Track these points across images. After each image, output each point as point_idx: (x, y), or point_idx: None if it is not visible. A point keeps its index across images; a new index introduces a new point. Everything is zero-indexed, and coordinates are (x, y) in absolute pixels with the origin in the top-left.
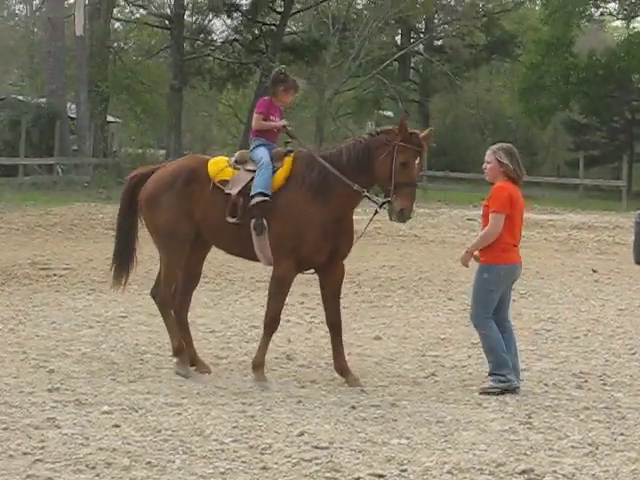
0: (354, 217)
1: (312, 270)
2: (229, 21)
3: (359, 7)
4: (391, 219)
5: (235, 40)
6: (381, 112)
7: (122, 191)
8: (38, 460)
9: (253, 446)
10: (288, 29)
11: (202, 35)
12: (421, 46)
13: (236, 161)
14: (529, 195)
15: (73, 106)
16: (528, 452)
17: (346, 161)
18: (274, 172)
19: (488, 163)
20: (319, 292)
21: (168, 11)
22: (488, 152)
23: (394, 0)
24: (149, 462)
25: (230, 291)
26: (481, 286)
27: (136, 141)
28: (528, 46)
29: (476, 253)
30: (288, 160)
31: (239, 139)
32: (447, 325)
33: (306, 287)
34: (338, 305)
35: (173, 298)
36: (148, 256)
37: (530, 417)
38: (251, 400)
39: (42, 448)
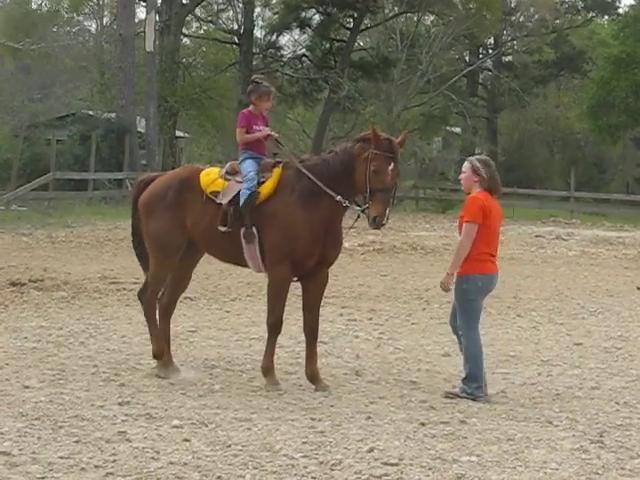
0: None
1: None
2: (299, 36)
3: (427, 24)
4: (370, 226)
5: (304, 56)
6: (449, 128)
7: (133, 195)
8: (109, 474)
9: (323, 462)
10: (357, 45)
11: (271, 51)
12: (490, 62)
13: (227, 172)
14: (598, 212)
15: (142, 121)
16: (600, 471)
17: (329, 172)
18: (263, 182)
19: (463, 173)
20: (387, 308)
21: (237, 27)
22: (465, 163)
23: (463, 16)
24: (219, 477)
25: (298, 306)
26: (462, 297)
27: (204, 156)
28: (597, 62)
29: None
30: (277, 171)
31: (307, 154)
32: (516, 342)
33: (374, 303)
34: (318, 312)
35: (159, 301)
36: (216, 270)
37: (601, 436)
38: (320, 416)
39: (113, 462)
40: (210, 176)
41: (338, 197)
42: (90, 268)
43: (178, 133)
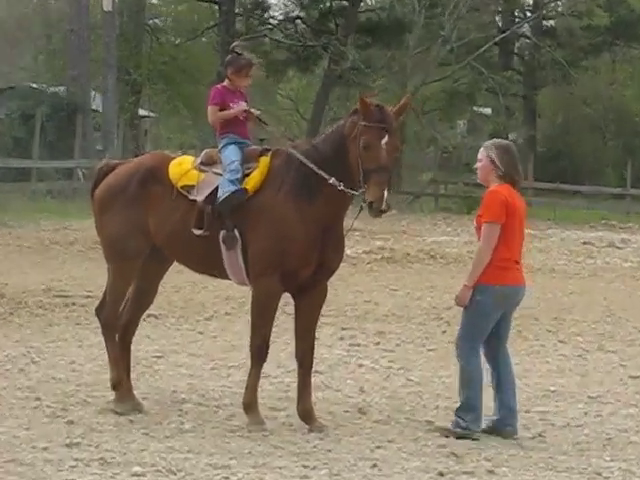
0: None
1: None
2: None
3: None
4: (369, 214)
5: (298, 18)
6: (476, 109)
7: (92, 187)
8: None
9: None
10: (363, 5)
11: (258, 11)
12: (528, 28)
13: (202, 162)
14: None
15: (98, 97)
16: None
17: (323, 153)
18: (248, 174)
19: (479, 162)
20: (399, 331)
21: None
22: (480, 149)
23: None
24: None
25: (289, 327)
26: (472, 310)
27: (174, 140)
28: None
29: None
30: (264, 160)
31: (302, 138)
32: (558, 374)
33: (383, 324)
34: (313, 335)
35: (119, 318)
36: (188, 282)
37: None
38: (315, 463)
39: None
40: (182, 166)
41: (332, 179)
42: (32, 278)
43: (142, 112)
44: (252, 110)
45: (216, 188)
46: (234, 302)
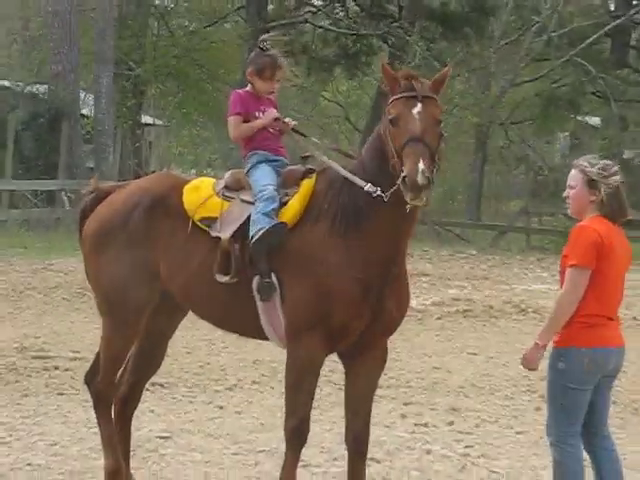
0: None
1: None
2: None
3: None
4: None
5: None
6: (581, 118)
7: (79, 218)
8: None
9: None
10: None
11: None
12: None
13: (227, 186)
14: None
15: (89, 99)
16: None
17: (367, 163)
18: (285, 203)
19: (571, 188)
20: (478, 407)
21: None
22: (573, 171)
23: None
24: None
25: (336, 401)
26: (556, 382)
27: (187, 156)
28: None
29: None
30: (307, 183)
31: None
32: None
33: (457, 398)
34: (369, 412)
35: (115, 388)
36: (203, 341)
37: None
38: None
39: None
40: (200, 192)
41: (367, 185)
42: (2, 333)
43: (146, 119)
44: (286, 120)
45: (246, 221)
46: (264, 367)
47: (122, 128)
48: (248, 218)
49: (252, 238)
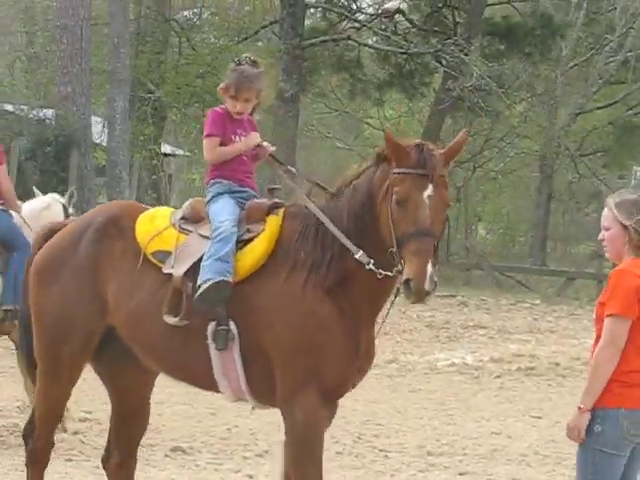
0: None
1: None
2: None
3: None
4: (406, 297)
5: (399, 12)
6: None
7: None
8: None
9: None
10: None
11: (339, 2)
12: None
13: (184, 218)
14: None
15: (102, 125)
16: None
17: (351, 213)
18: (249, 240)
19: (606, 230)
20: (543, 478)
21: None
22: (605, 210)
23: None
24: None
25: (385, 468)
26: (589, 447)
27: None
28: None
29: None
30: (273, 220)
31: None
32: None
33: (519, 467)
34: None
35: (110, 455)
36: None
37: None
38: None
39: None
40: (154, 223)
41: (359, 253)
42: (3, 391)
43: (165, 148)
44: (265, 144)
45: (201, 258)
46: None
47: (139, 158)
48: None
49: (198, 288)
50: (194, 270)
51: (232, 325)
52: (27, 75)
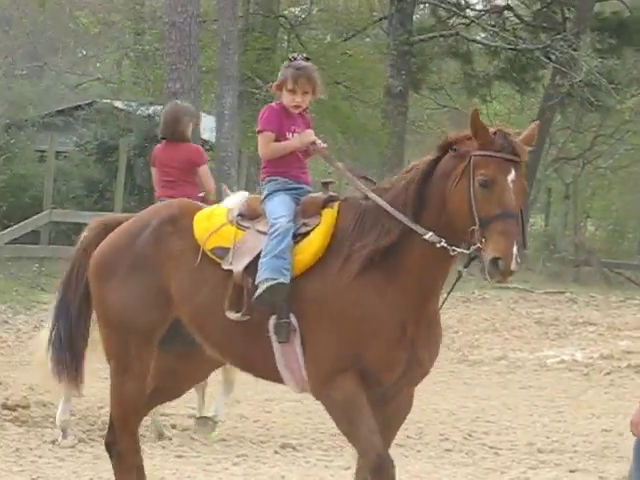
0: None
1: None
2: None
3: None
4: (487, 279)
5: (508, 8)
6: None
7: (77, 249)
8: None
9: None
10: None
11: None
12: None
13: (241, 215)
14: None
15: (211, 122)
16: None
17: (411, 200)
18: (304, 235)
19: None
20: None
21: None
22: None
23: None
24: None
25: (496, 465)
26: None
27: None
28: None
29: None
30: (329, 214)
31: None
32: None
33: (629, 465)
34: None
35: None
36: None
37: None
38: None
39: None
40: (212, 220)
41: (429, 234)
42: None
43: None
44: (317, 142)
45: (260, 253)
46: (410, 428)
47: (248, 154)
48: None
49: (256, 287)
50: (253, 266)
51: (292, 318)
52: (135, 72)
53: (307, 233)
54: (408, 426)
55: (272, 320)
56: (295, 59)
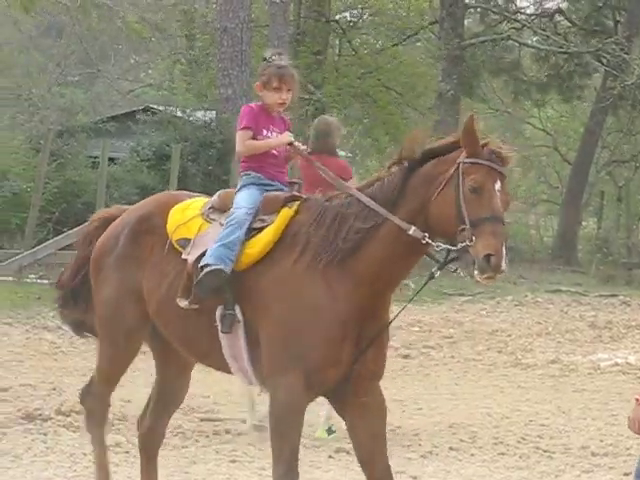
0: None
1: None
2: None
3: None
4: (474, 276)
5: (559, 12)
6: None
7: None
8: None
9: None
10: None
11: (498, 3)
12: None
13: (212, 207)
14: None
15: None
16: None
17: (388, 198)
18: (259, 230)
19: None
20: None
21: None
22: None
23: None
24: None
25: (550, 469)
26: None
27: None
28: None
29: None
30: (286, 212)
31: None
32: None
33: None
34: (387, 460)
35: (138, 426)
36: (395, 402)
37: None
38: None
39: None
40: (185, 213)
41: (412, 228)
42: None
43: None
44: (296, 144)
45: None
46: (462, 432)
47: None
48: None
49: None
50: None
51: (237, 309)
52: (187, 78)
53: (261, 229)
54: (461, 430)
55: (219, 310)
56: (272, 59)
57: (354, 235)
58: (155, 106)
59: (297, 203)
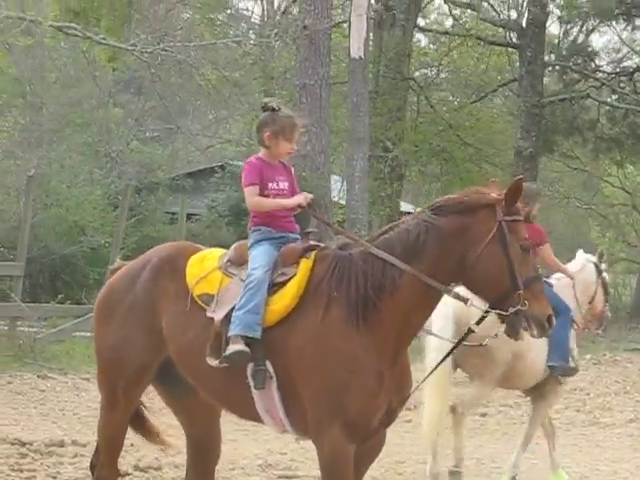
0: None
1: None
2: (627, 34)
3: None
4: (534, 335)
5: (638, 70)
6: None
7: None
8: None
9: None
10: None
11: (578, 60)
12: None
13: (230, 261)
14: None
15: (340, 183)
16: None
17: (402, 252)
18: (282, 284)
19: None
20: None
21: (514, 15)
22: None
23: None
24: None
25: None
26: None
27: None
28: None
29: None
30: (305, 263)
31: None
32: None
33: None
34: None
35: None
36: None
37: None
38: None
39: None
40: (203, 265)
41: (469, 300)
42: (246, 449)
43: (405, 207)
44: (303, 204)
45: None
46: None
47: (379, 217)
48: None
49: (227, 340)
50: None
51: (269, 365)
52: None
53: (284, 283)
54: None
55: (250, 367)
56: (274, 109)
57: (378, 291)
58: (232, 162)
59: (314, 253)
